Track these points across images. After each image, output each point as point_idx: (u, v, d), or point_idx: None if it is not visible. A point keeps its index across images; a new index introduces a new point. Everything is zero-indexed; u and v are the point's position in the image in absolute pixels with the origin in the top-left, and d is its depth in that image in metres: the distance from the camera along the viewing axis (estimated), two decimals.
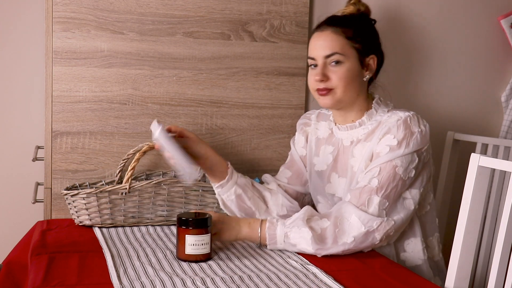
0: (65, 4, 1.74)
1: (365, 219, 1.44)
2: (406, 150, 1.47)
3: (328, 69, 1.55)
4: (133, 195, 1.66)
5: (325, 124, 1.70)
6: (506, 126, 2.18)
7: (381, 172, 1.47)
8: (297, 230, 1.44)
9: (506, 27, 2.15)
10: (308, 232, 1.42)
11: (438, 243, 1.66)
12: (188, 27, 1.84)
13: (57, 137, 1.77)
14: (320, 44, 1.56)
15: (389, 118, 1.54)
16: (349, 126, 1.60)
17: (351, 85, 1.55)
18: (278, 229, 1.46)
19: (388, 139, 1.49)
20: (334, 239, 1.43)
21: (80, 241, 1.52)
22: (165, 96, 1.84)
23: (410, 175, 1.49)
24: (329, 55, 1.54)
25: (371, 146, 1.53)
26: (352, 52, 1.55)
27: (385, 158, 1.48)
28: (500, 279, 1.30)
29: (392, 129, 1.50)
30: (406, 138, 1.48)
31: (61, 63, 1.76)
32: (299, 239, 1.43)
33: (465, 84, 2.18)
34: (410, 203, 1.51)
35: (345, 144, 1.61)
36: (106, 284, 1.21)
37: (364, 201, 1.46)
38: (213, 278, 1.25)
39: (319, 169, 1.67)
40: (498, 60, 2.20)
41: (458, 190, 1.80)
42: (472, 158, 1.34)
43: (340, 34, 1.55)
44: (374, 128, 1.56)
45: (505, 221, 1.27)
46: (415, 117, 1.51)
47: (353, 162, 1.57)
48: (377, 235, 1.45)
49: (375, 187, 1.46)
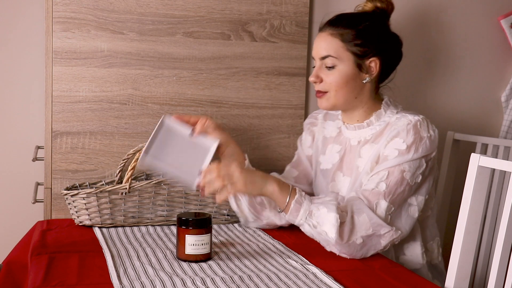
0: (65, 4, 1.74)
1: (375, 222, 1.41)
2: (414, 155, 1.46)
3: (323, 70, 1.55)
4: (133, 195, 1.66)
5: (333, 123, 1.69)
6: (506, 126, 2.18)
7: (389, 176, 1.46)
8: (325, 212, 1.38)
9: (506, 27, 2.15)
10: (337, 219, 1.37)
11: (438, 246, 1.65)
12: (188, 27, 1.84)
13: (57, 137, 1.77)
14: (318, 45, 1.56)
15: (398, 121, 1.52)
16: (357, 126, 1.59)
17: (344, 89, 1.53)
18: (304, 204, 1.40)
19: (397, 143, 1.48)
20: (348, 237, 1.39)
21: (80, 241, 1.52)
22: (165, 96, 1.84)
23: (416, 181, 1.48)
24: (323, 57, 1.54)
25: (378, 148, 1.52)
26: (347, 55, 1.53)
27: (394, 162, 1.46)
28: (500, 279, 1.30)
29: (402, 133, 1.48)
30: (415, 142, 1.47)
31: (61, 63, 1.76)
32: (325, 221, 1.38)
33: (465, 84, 2.18)
34: (414, 210, 1.50)
35: (352, 144, 1.60)
36: (106, 284, 1.21)
37: (373, 205, 1.44)
38: (213, 278, 1.25)
39: (324, 168, 1.66)
40: (498, 60, 2.21)
41: (458, 190, 1.80)
42: (472, 158, 1.34)
43: (336, 37, 1.53)
44: (382, 129, 1.55)
45: (505, 221, 1.27)
46: (424, 121, 1.50)
47: (360, 162, 1.56)
48: (382, 241, 1.43)
49: (383, 191, 1.45)
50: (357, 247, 1.41)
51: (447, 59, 2.15)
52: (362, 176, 1.52)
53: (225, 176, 1.36)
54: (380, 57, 1.56)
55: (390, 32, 1.62)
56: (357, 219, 1.41)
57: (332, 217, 1.37)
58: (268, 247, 1.52)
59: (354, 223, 1.41)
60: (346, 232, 1.39)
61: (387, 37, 1.59)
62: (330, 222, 1.37)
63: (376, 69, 1.56)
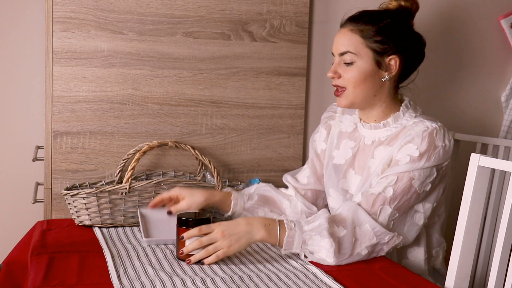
0: (65, 4, 1.74)
1: (379, 231, 1.41)
2: (426, 164, 1.44)
3: (341, 66, 1.53)
4: (133, 195, 1.66)
5: (350, 118, 1.67)
6: (506, 126, 2.18)
7: (397, 182, 1.44)
8: (319, 239, 1.38)
9: (506, 27, 2.15)
10: (332, 244, 1.36)
11: (444, 253, 1.64)
12: (188, 27, 1.84)
13: (57, 137, 1.77)
14: (337, 41, 1.54)
15: (415, 126, 1.50)
16: (373, 126, 1.57)
17: (362, 86, 1.52)
18: (296, 236, 1.39)
19: (410, 149, 1.46)
20: (351, 250, 1.39)
21: (80, 241, 1.51)
22: (165, 96, 1.84)
23: (425, 189, 1.46)
24: (343, 53, 1.52)
25: (392, 151, 1.49)
26: (367, 51, 1.51)
27: (404, 168, 1.44)
28: (500, 279, 1.30)
29: (416, 139, 1.46)
30: (429, 151, 1.45)
31: (61, 63, 1.76)
32: (319, 248, 1.37)
33: (465, 84, 2.18)
34: (420, 218, 1.49)
35: (366, 143, 1.58)
36: (106, 284, 1.21)
37: (377, 210, 1.43)
38: (213, 278, 1.25)
39: (337, 163, 1.63)
40: (498, 60, 2.21)
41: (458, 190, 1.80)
42: (472, 158, 1.34)
43: (356, 32, 1.51)
44: (398, 132, 1.53)
45: (505, 221, 1.27)
46: (441, 130, 1.47)
47: (372, 163, 1.54)
48: (385, 248, 1.43)
49: (389, 197, 1.43)
50: (363, 257, 1.41)
51: (447, 59, 2.15)
52: (373, 177, 1.51)
53: (208, 246, 1.35)
54: (400, 55, 1.54)
55: (413, 31, 1.59)
56: (359, 230, 1.41)
57: (326, 243, 1.36)
58: (268, 247, 1.51)
59: (357, 235, 1.40)
60: (347, 246, 1.39)
61: (409, 36, 1.57)
62: (325, 248, 1.37)
63: (395, 68, 1.54)
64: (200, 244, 1.34)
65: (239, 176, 1.93)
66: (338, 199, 1.63)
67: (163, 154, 1.86)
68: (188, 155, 1.86)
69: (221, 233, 1.35)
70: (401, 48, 1.53)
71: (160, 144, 1.77)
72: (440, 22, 2.12)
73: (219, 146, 1.90)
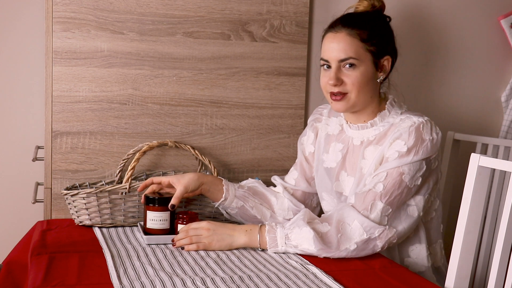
0: (65, 4, 1.74)
1: (368, 226, 1.42)
2: (415, 158, 1.45)
3: (342, 72, 1.51)
4: (133, 195, 1.66)
5: (336, 120, 1.67)
6: (506, 126, 2.18)
7: (387, 178, 1.45)
8: (298, 231, 1.43)
9: (506, 27, 2.15)
10: (310, 231, 1.41)
11: (441, 249, 1.64)
12: (188, 27, 1.84)
13: (57, 137, 1.77)
14: (334, 47, 1.52)
15: (402, 122, 1.51)
16: (360, 126, 1.58)
17: (365, 89, 1.52)
18: (278, 231, 1.45)
19: (398, 145, 1.47)
20: (337, 244, 1.42)
21: (80, 241, 1.52)
22: (165, 96, 1.84)
23: (416, 183, 1.47)
24: (344, 59, 1.50)
25: (383, 149, 1.51)
26: (367, 55, 1.51)
27: (393, 164, 1.46)
28: (500, 279, 1.30)
29: (403, 135, 1.47)
30: (416, 145, 1.46)
31: (61, 63, 1.76)
32: (301, 240, 1.42)
33: (465, 84, 2.18)
34: (413, 210, 1.49)
35: (355, 144, 1.59)
36: (106, 284, 1.21)
37: (368, 205, 1.44)
38: (213, 278, 1.25)
39: (328, 166, 1.64)
40: (498, 60, 2.20)
41: (458, 190, 1.80)
42: (472, 158, 1.34)
43: (355, 37, 1.51)
44: (386, 131, 1.54)
45: (505, 221, 1.27)
46: (428, 123, 1.49)
47: (364, 164, 1.55)
48: (379, 243, 1.44)
49: (379, 193, 1.45)
50: (351, 253, 1.42)
51: (447, 59, 2.15)
52: (366, 178, 1.51)
53: (193, 236, 1.48)
54: (390, 55, 1.57)
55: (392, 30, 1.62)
56: (348, 227, 1.43)
57: (305, 231, 1.42)
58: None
59: (346, 231, 1.43)
60: (334, 241, 1.42)
61: (392, 35, 1.60)
62: (306, 237, 1.42)
63: (388, 68, 1.57)
64: (186, 234, 1.48)
65: (239, 176, 1.93)
66: (332, 202, 1.64)
67: (163, 154, 1.86)
68: (188, 155, 1.86)
69: (206, 229, 1.48)
70: (391, 48, 1.58)
71: (160, 144, 1.77)
72: (440, 22, 2.12)
73: (219, 146, 1.90)
